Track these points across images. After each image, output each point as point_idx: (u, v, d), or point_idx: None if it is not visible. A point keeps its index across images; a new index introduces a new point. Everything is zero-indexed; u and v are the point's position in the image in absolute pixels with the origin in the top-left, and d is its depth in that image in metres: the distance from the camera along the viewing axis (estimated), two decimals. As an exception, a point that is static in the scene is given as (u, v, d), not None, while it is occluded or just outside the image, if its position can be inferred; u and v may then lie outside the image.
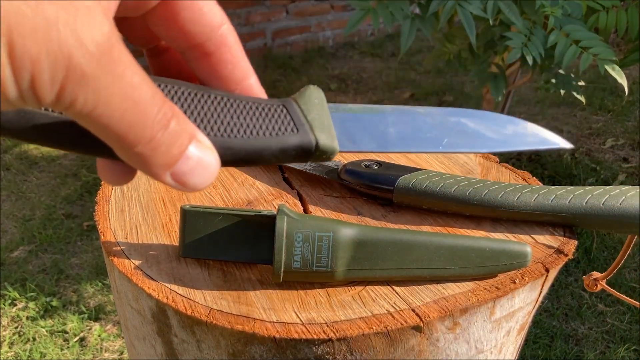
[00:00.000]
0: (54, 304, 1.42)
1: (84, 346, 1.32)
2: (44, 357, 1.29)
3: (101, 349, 1.31)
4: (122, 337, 1.33)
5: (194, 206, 0.36)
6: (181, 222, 0.36)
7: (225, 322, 0.32)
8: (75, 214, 1.76)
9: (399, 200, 0.42)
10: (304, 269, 0.33)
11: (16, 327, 1.36)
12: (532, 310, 0.39)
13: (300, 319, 0.32)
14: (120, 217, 0.41)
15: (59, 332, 1.35)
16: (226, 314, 0.32)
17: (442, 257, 0.34)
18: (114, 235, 0.39)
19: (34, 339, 1.33)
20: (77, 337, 1.34)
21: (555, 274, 0.38)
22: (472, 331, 0.35)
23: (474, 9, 1.18)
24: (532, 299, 0.38)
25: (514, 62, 1.40)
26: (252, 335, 0.31)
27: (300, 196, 0.45)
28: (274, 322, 0.32)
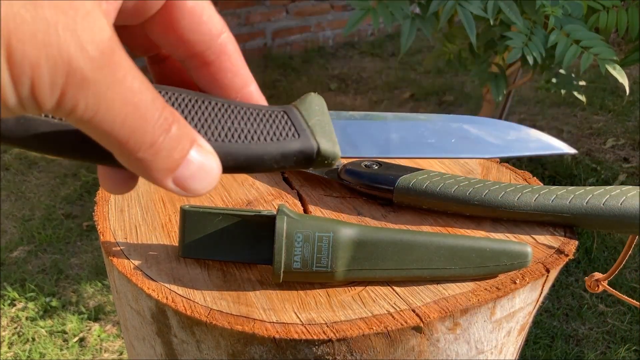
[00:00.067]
0: (54, 304, 1.42)
1: (84, 346, 1.32)
2: (44, 357, 1.28)
3: (101, 349, 1.31)
4: (122, 338, 1.33)
5: (194, 206, 0.36)
6: (181, 222, 0.36)
7: (225, 323, 0.32)
8: (74, 214, 1.76)
9: (399, 200, 0.42)
10: (304, 269, 0.33)
11: (15, 328, 1.36)
12: (533, 310, 0.39)
13: (300, 320, 0.32)
14: (119, 217, 0.41)
15: (59, 332, 1.35)
16: (226, 315, 0.32)
17: (442, 257, 0.34)
18: (113, 235, 0.39)
19: (34, 339, 1.33)
20: (77, 338, 1.34)
21: (555, 274, 0.38)
22: (473, 332, 0.35)
23: (474, 8, 1.18)
24: (533, 300, 0.38)
25: (515, 62, 1.40)
26: (252, 335, 0.31)
27: (300, 196, 0.45)
28: (273, 322, 0.32)
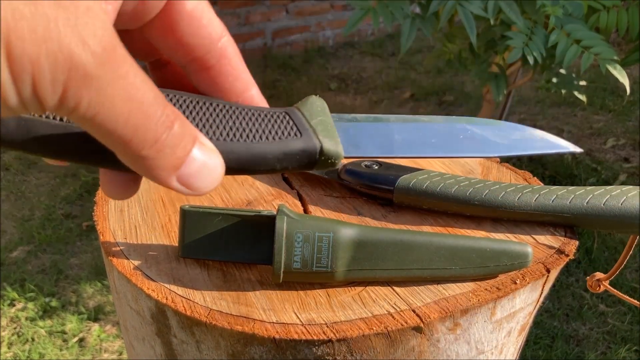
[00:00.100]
0: (53, 304, 1.41)
1: (83, 347, 1.32)
2: (43, 357, 1.28)
3: (100, 349, 1.31)
4: (122, 338, 1.33)
5: (194, 206, 0.36)
6: (180, 222, 0.36)
7: (224, 323, 0.32)
8: (74, 214, 1.76)
9: (399, 200, 0.42)
10: (303, 269, 0.33)
11: (15, 328, 1.36)
12: (533, 310, 0.39)
13: (300, 320, 0.32)
14: (119, 217, 0.41)
15: (58, 332, 1.35)
16: (226, 315, 0.32)
17: (442, 257, 0.34)
18: (113, 235, 0.39)
19: (33, 340, 1.33)
20: (76, 338, 1.33)
21: (556, 275, 0.38)
22: (473, 332, 0.35)
23: (475, 8, 1.18)
24: (533, 300, 0.37)
25: (515, 61, 1.40)
26: (252, 336, 0.31)
27: (300, 196, 0.44)
28: (273, 322, 0.32)
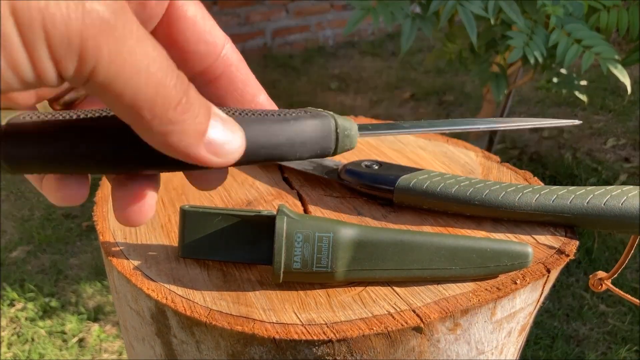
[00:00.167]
0: (53, 304, 1.41)
1: (83, 347, 1.32)
2: (43, 357, 1.28)
3: (100, 349, 1.31)
4: (121, 338, 1.33)
5: (193, 206, 0.36)
6: (180, 222, 0.36)
7: (224, 323, 0.31)
8: (74, 214, 1.75)
9: (400, 200, 0.42)
10: (303, 269, 0.33)
11: (15, 328, 1.36)
12: (533, 311, 0.39)
13: (300, 320, 0.32)
14: (119, 217, 0.41)
15: (58, 332, 1.35)
16: (226, 315, 0.32)
17: (442, 257, 0.34)
18: (113, 235, 0.39)
19: (33, 340, 1.33)
20: (76, 338, 1.33)
21: (556, 275, 0.38)
22: (473, 332, 0.35)
23: (475, 8, 1.18)
24: (533, 300, 0.37)
25: (515, 61, 1.40)
26: (252, 336, 0.31)
27: (300, 196, 0.44)
28: (273, 322, 0.32)
